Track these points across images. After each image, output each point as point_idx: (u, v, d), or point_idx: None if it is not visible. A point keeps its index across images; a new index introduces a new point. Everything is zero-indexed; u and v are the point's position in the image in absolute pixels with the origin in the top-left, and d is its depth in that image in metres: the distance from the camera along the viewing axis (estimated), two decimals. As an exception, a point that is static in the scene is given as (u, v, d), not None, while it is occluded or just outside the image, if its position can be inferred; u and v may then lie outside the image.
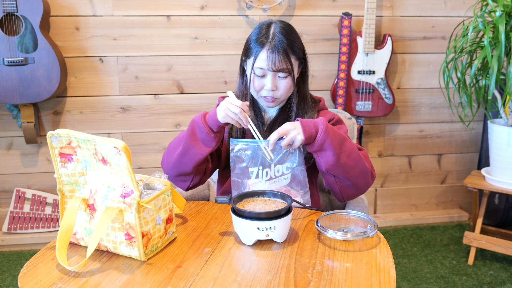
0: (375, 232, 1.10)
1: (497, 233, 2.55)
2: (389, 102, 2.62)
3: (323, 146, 1.22)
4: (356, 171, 1.27)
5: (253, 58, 1.33)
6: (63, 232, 1.00)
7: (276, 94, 1.35)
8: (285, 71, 1.32)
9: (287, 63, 1.31)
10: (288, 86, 1.35)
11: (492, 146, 2.31)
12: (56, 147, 1.04)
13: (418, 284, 2.20)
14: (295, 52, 1.34)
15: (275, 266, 0.99)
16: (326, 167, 1.25)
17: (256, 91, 1.37)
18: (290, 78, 1.34)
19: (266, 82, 1.33)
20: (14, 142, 2.53)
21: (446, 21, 2.71)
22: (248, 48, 1.36)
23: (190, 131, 1.30)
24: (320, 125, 1.23)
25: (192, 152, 1.30)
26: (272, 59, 1.30)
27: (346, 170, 1.25)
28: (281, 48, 1.30)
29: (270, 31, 1.33)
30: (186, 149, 1.30)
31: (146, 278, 0.95)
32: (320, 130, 1.22)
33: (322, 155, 1.24)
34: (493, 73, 2.02)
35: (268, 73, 1.33)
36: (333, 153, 1.22)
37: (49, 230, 2.53)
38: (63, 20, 2.42)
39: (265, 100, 1.37)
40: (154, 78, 2.55)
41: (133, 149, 2.59)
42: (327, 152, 1.23)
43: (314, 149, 1.24)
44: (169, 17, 2.49)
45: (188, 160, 1.31)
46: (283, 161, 1.28)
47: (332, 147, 1.22)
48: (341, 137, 1.26)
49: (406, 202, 2.94)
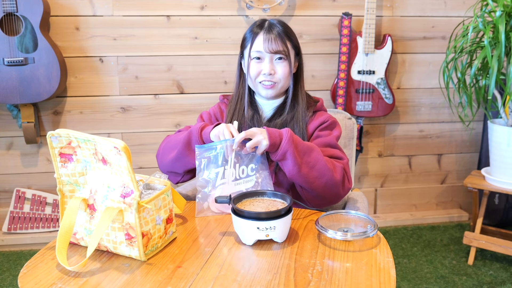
0: (375, 232, 1.10)
1: (497, 233, 2.55)
2: (389, 102, 2.62)
3: (285, 156, 1.24)
4: (320, 182, 1.26)
5: (249, 45, 1.37)
6: (63, 232, 1.00)
7: (274, 78, 1.37)
8: (281, 53, 1.35)
9: (283, 46, 1.35)
10: (285, 71, 1.37)
11: (492, 146, 2.31)
12: (56, 147, 1.04)
13: (418, 284, 2.20)
14: (291, 40, 1.38)
15: (275, 266, 0.99)
16: (289, 176, 1.27)
17: (253, 78, 1.38)
18: (287, 63, 1.37)
19: (263, 66, 1.36)
20: (14, 142, 2.53)
21: (446, 21, 2.71)
22: (244, 39, 1.41)
23: (187, 140, 1.34)
24: (285, 134, 1.25)
25: (185, 161, 1.34)
26: (268, 41, 1.34)
27: (308, 181, 1.26)
28: (278, 32, 1.35)
29: (266, 22, 1.39)
30: (179, 156, 1.35)
31: (146, 278, 0.95)
32: (284, 139, 1.24)
33: (285, 164, 1.26)
34: (493, 73, 2.02)
35: (266, 56, 1.36)
36: (294, 163, 1.24)
37: (49, 230, 2.53)
38: (63, 20, 2.42)
39: (263, 86, 1.38)
40: (154, 78, 2.55)
41: (133, 149, 2.59)
42: (288, 161, 1.25)
43: (277, 158, 1.26)
44: (169, 17, 2.49)
45: (180, 165, 1.36)
46: (248, 163, 1.29)
47: (293, 157, 1.24)
48: (307, 148, 1.27)
49: (406, 202, 2.94)
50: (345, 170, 1.33)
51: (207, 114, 1.51)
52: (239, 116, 1.43)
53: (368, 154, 2.83)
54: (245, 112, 1.42)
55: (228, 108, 1.46)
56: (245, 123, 1.42)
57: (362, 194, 1.63)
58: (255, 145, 1.24)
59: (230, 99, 1.48)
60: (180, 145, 1.35)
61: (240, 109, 1.44)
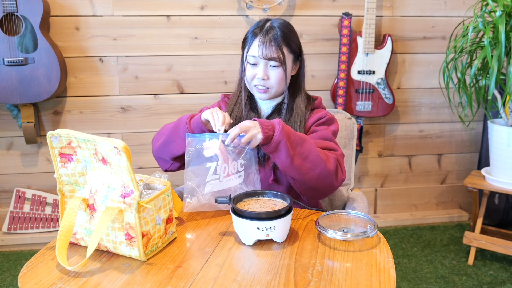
0: (375, 232, 1.10)
1: (497, 233, 2.55)
2: (389, 102, 2.62)
3: (278, 147, 1.22)
4: (313, 173, 1.24)
5: (247, 48, 1.37)
6: (63, 232, 1.00)
7: (268, 83, 1.37)
8: (276, 60, 1.34)
9: (278, 52, 1.34)
10: (279, 77, 1.36)
11: (492, 146, 2.31)
12: (56, 147, 1.04)
13: (418, 284, 2.20)
14: (289, 45, 1.36)
15: (275, 266, 0.99)
16: (281, 168, 1.26)
17: (248, 81, 1.39)
18: (281, 69, 1.36)
19: (258, 70, 1.36)
20: (14, 142, 2.53)
21: (446, 21, 2.71)
22: (245, 39, 1.41)
23: (175, 126, 1.36)
24: (277, 125, 1.23)
25: (172, 146, 1.36)
26: (263, 47, 1.33)
27: (302, 172, 1.24)
28: (274, 38, 1.34)
29: (267, 24, 1.37)
30: (167, 141, 1.37)
31: (146, 278, 0.95)
32: (276, 131, 1.22)
33: (277, 156, 1.24)
34: (493, 73, 2.02)
35: (260, 62, 1.36)
36: (287, 155, 1.22)
37: (49, 230, 2.53)
38: (63, 20, 2.42)
39: (257, 90, 1.39)
40: (154, 78, 2.55)
41: (133, 149, 2.59)
42: (281, 153, 1.23)
43: (270, 150, 1.24)
44: (169, 17, 2.49)
45: (167, 151, 1.37)
46: (237, 158, 1.26)
47: (286, 148, 1.22)
48: (300, 139, 1.25)
49: (406, 202, 2.94)
50: (339, 160, 1.31)
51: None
52: (238, 112, 1.43)
53: (368, 154, 2.83)
54: (243, 109, 1.43)
55: (228, 104, 1.47)
56: (243, 119, 1.42)
57: (362, 194, 1.63)
58: (250, 139, 1.22)
59: (231, 96, 1.49)
60: (169, 132, 1.37)
61: (239, 105, 1.44)
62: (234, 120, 1.42)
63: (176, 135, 1.35)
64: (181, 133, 1.33)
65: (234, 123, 1.40)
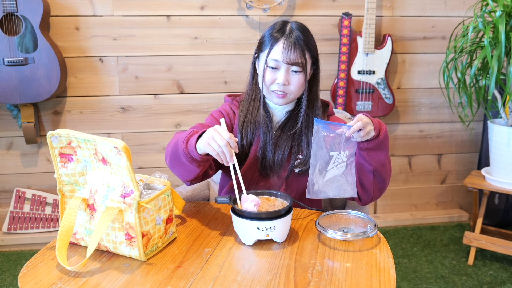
0: (375, 232, 1.10)
1: (497, 233, 2.55)
2: (389, 102, 2.62)
3: (381, 146, 1.24)
4: (390, 173, 1.32)
5: (267, 51, 1.32)
6: (63, 232, 1.00)
7: (288, 89, 1.33)
8: (299, 65, 1.31)
9: (301, 58, 1.31)
10: (300, 83, 1.33)
11: (492, 146, 2.31)
12: (56, 147, 1.04)
13: (418, 284, 2.20)
14: (310, 50, 1.33)
15: (275, 266, 0.99)
16: (375, 166, 1.25)
17: (267, 85, 1.34)
18: (302, 75, 1.32)
19: (279, 75, 1.32)
20: (14, 142, 2.53)
21: (446, 21, 2.71)
22: (262, 41, 1.35)
23: (175, 152, 1.23)
24: (383, 125, 1.26)
25: (181, 171, 1.25)
26: (288, 52, 1.29)
27: (387, 171, 1.29)
28: (298, 42, 1.30)
29: (287, 26, 1.33)
30: (175, 166, 1.25)
31: (146, 278, 0.95)
32: (383, 130, 1.24)
33: (376, 153, 1.25)
34: (493, 73, 2.02)
35: (282, 66, 1.31)
36: (386, 153, 1.26)
37: (49, 230, 2.53)
38: (63, 20, 2.42)
39: (276, 95, 1.34)
40: (154, 78, 2.55)
41: (133, 149, 2.59)
42: (381, 151, 1.25)
43: (371, 146, 1.23)
44: (169, 17, 2.49)
45: (181, 175, 1.27)
46: (345, 149, 1.24)
47: (387, 148, 1.26)
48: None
49: (406, 202, 2.94)
50: None
51: (218, 113, 1.43)
52: (252, 117, 1.38)
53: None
54: (259, 114, 1.38)
55: (241, 108, 1.41)
56: (257, 124, 1.38)
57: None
58: (367, 134, 1.20)
59: (242, 99, 1.44)
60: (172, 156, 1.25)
61: (253, 110, 1.39)
62: (248, 125, 1.37)
63: (179, 162, 1.22)
64: (183, 160, 1.20)
65: (248, 129, 1.37)
